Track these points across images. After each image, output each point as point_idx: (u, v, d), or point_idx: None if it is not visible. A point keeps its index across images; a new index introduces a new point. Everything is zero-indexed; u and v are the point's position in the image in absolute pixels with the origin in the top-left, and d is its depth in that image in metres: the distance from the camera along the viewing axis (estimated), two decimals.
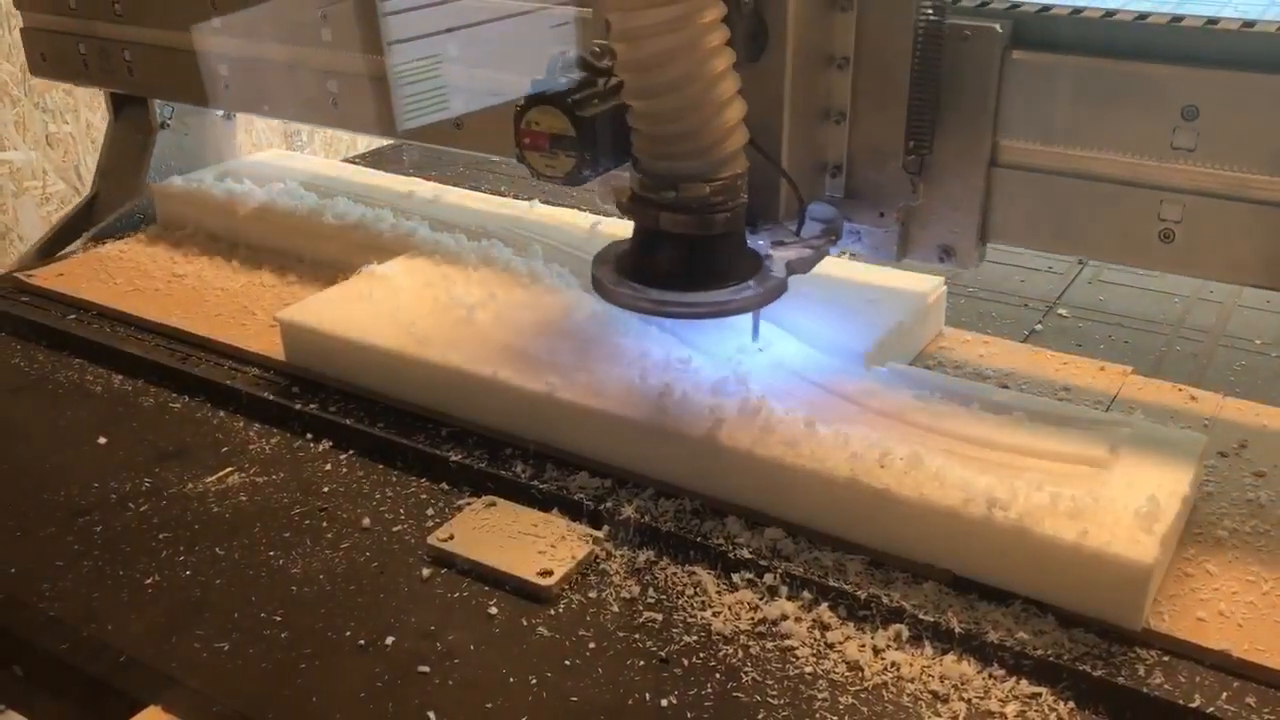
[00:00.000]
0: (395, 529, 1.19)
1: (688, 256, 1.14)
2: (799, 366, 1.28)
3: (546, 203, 1.82)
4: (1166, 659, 0.97)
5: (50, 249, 1.88)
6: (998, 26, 1.11)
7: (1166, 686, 0.94)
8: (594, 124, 1.11)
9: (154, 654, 1.03)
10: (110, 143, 2.02)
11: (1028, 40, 1.13)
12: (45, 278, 1.71)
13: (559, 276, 1.47)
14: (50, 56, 1.96)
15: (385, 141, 2.37)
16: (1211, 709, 0.92)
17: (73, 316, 1.62)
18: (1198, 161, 1.08)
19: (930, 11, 1.12)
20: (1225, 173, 1.07)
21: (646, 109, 1.09)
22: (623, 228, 1.65)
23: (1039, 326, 1.59)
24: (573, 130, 1.10)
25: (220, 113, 2.00)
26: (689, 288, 1.14)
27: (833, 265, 1.56)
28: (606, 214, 1.74)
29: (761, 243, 1.19)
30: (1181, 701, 0.93)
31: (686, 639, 1.03)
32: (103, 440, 1.36)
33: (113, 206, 1.92)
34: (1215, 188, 1.08)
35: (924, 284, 1.48)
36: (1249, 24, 1.06)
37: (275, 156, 2.11)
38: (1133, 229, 1.14)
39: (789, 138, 1.17)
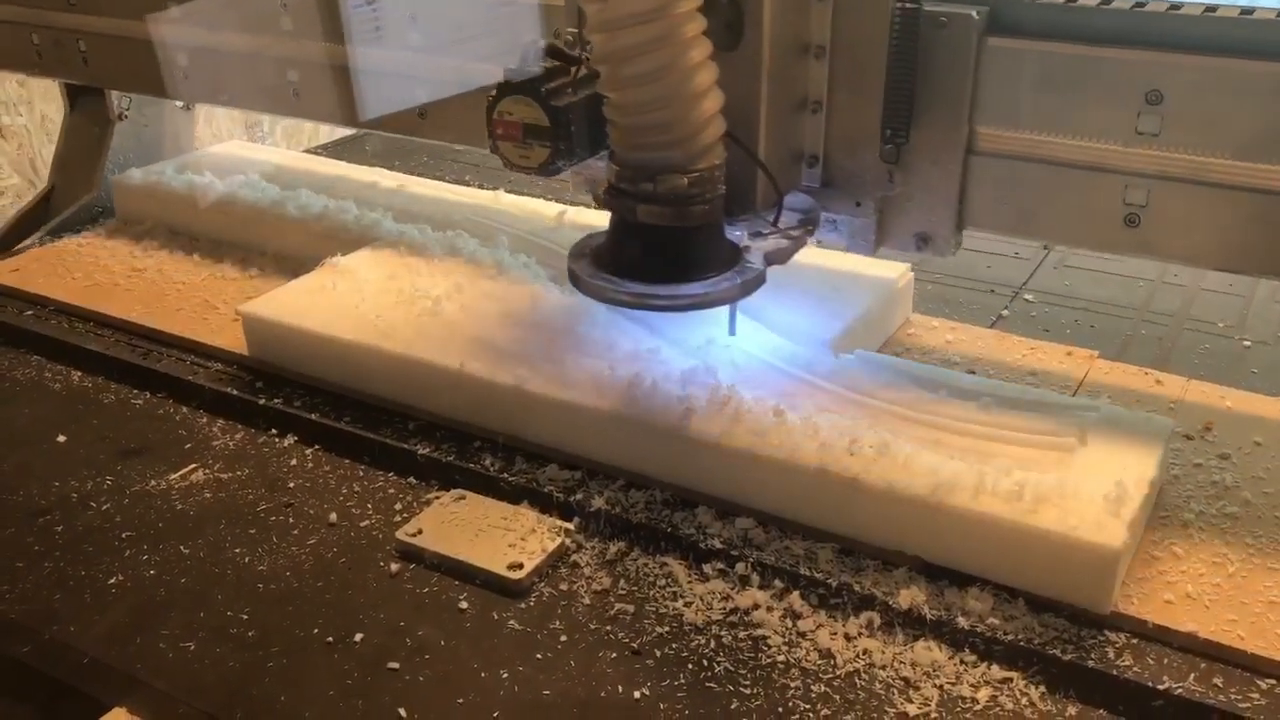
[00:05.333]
0: (363, 524, 1.17)
1: (666, 249, 1.12)
2: (767, 354, 1.28)
3: (512, 192, 1.80)
4: (1135, 641, 0.98)
5: (7, 243, 1.85)
6: (974, 13, 1.11)
7: (1135, 669, 0.95)
8: (568, 114, 1.09)
9: (118, 655, 1.02)
10: (66, 135, 1.98)
11: (1003, 26, 1.12)
12: (0, 273, 1.68)
13: (525, 267, 1.46)
14: (2, 47, 1.92)
15: (348, 131, 2.35)
16: (1180, 690, 0.93)
17: (30, 313, 1.59)
18: (1162, 146, 1.08)
19: None
20: (1190, 157, 1.08)
21: (623, 100, 1.06)
22: (590, 217, 1.65)
23: (1005, 312, 1.59)
24: (546, 120, 1.09)
25: (179, 103, 1.97)
26: (668, 280, 1.12)
27: (801, 253, 1.56)
28: (573, 203, 1.73)
29: (739, 234, 1.17)
30: (1150, 683, 0.93)
31: (658, 630, 1.03)
32: (62, 438, 1.34)
33: (70, 200, 1.89)
34: (1179, 172, 1.09)
35: (891, 271, 1.48)
36: (1211, 8, 1.06)
37: (236, 148, 2.09)
38: (1098, 214, 1.14)
39: (766, 128, 1.16)
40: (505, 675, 0.98)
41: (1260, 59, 1.02)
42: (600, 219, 1.66)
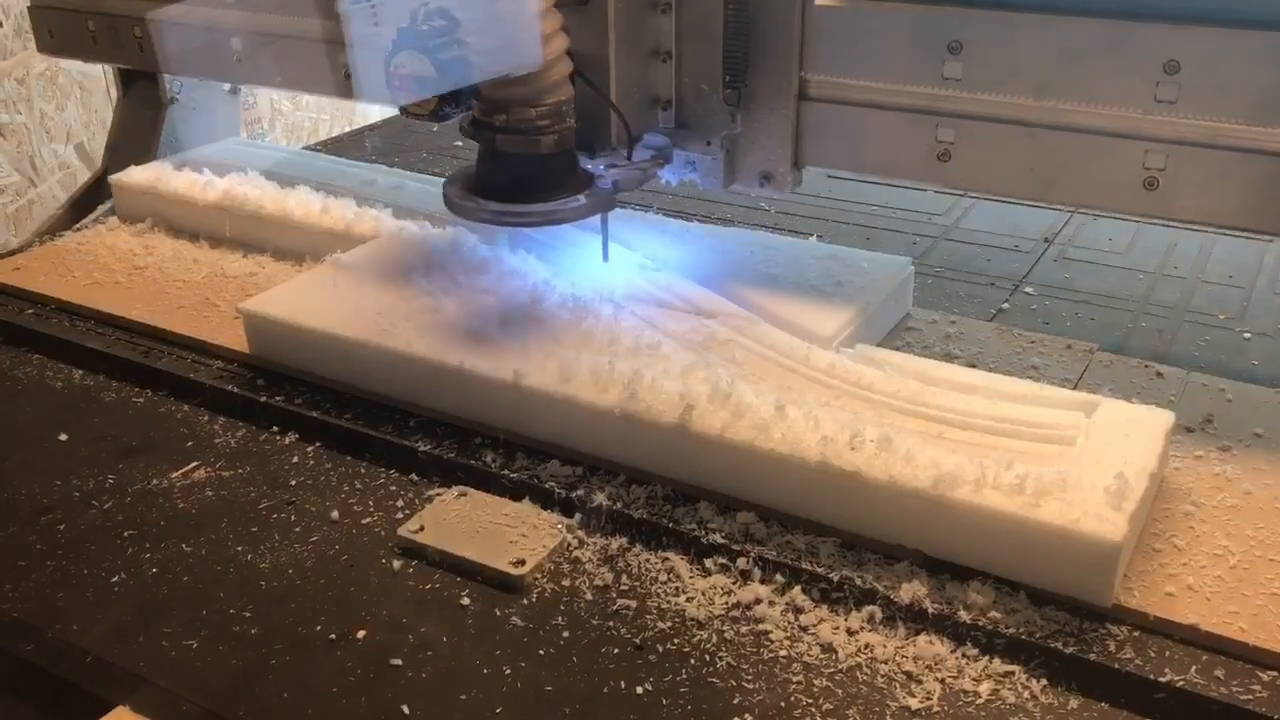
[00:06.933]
0: (364, 521, 1.17)
1: (522, 173, 1.27)
2: (766, 348, 1.28)
3: None
4: (1137, 634, 0.98)
5: (68, 222, 1.91)
6: None
7: (1137, 661, 0.95)
8: None
9: (121, 653, 1.02)
10: (120, 119, 2.03)
11: None
12: (1, 272, 1.68)
13: (525, 262, 1.46)
14: (58, 33, 1.95)
15: (348, 129, 2.35)
16: (1181, 682, 0.93)
17: (30, 311, 1.59)
18: (1180, 113, 1.14)
19: None
20: (1205, 123, 1.14)
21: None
22: None
23: (1006, 305, 1.59)
24: (433, 72, 1.19)
25: (226, 87, 2.01)
26: (524, 201, 1.27)
27: (802, 248, 1.57)
28: None
29: (600, 167, 1.32)
30: (1152, 676, 0.93)
31: (661, 625, 1.03)
32: (64, 437, 1.34)
33: None
34: (1195, 137, 1.14)
35: (892, 264, 1.48)
36: None
37: (235, 145, 2.08)
38: (1119, 178, 1.20)
39: (617, 74, 1.31)
40: (508, 671, 0.98)
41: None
42: None
